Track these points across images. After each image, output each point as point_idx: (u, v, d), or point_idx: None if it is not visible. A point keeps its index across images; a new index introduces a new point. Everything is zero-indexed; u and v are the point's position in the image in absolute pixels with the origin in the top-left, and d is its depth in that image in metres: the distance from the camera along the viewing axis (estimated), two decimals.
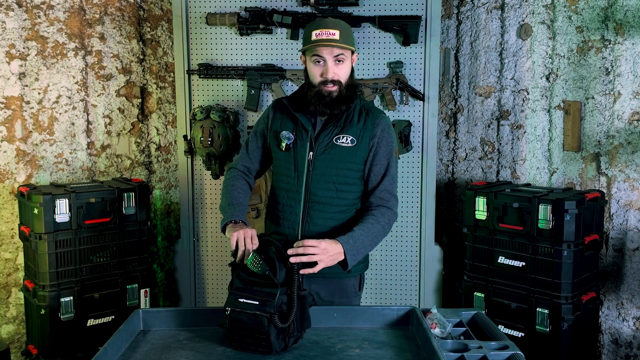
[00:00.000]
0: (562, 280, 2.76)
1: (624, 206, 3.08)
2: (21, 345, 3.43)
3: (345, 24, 2.10)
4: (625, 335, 3.12)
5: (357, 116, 2.11)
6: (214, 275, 3.34)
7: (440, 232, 3.66)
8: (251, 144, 2.26)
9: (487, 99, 3.53)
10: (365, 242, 2.01)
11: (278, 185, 2.19)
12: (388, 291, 3.27)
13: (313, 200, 2.09)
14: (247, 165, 2.26)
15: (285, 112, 2.18)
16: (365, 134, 2.10)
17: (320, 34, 2.02)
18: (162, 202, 3.78)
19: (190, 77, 3.23)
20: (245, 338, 1.73)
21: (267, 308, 1.71)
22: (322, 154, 2.08)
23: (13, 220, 3.37)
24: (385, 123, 2.13)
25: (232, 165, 2.28)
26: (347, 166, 2.09)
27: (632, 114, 3.03)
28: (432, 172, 3.18)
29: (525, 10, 3.34)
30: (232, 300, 1.76)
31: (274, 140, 2.17)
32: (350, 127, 2.09)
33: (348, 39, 2.05)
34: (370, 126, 2.10)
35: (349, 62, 2.08)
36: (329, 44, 2.01)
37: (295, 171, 2.11)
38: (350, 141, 2.08)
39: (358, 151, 2.09)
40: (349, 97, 2.08)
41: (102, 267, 3.04)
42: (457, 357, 1.68)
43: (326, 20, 2.08)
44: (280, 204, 2.16)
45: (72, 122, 3.51)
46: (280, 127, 2.16)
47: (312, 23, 2.10)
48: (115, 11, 3.56)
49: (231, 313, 1.74)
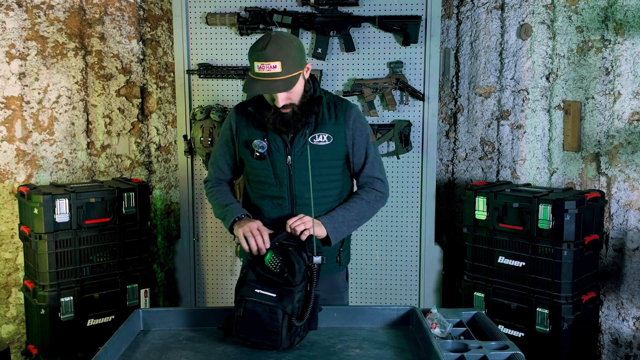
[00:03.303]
0: (562, 280, 2.76)
1: (624, 206, 3.09)
2: (21, 345, 3.43)
3: (287, 47, 1.92)
4: (625, 335, 3.12)
5: (327, 112, 2.10)
6: (214, 275, 3.34)
7: (440, 232, 3.66)
8: (220, 158, 2.21)
9: (487, 99, 3.53)
10: (347, 217, 2.08)
11: (259, 194, 2.15)
12: (388, 291, 3.27)
13: (300, 203, 2.09)
14: (221, 178, 2.24)
15: (251, 118, 2.11)
16: (340, 129, 2.10)
17: (261, 67, 1.90)
18: (162, 202, 3.78)
19: (190, 77, 3.23)
20: (254, 330, 1.72)
21: (284, 303, 1.73)
22: (300, 156, 2.07)
23: (13, 220, 3.37)
24: (356, 112, 2.14)
25: (206, 179, 2.28)
26: (327, 164, 2.10)
27: (632, 114, 3.03)
28: (432, 172, 3.18)
29: (525, 10, 3.34)
30: (248, 291, 1.76)
31: (246, 150, 2.12)
32: (322, 125, 2.09)
33: (293, 65, 1.92)
34: (343, 120, 2.11)
35: (300, 81, 2.00)
36: (271, 80, 1.90)
37: (275, 178, 2.09)
38: (326, 138, 2.08)
39: (336, 147, 2.10)
40: (307, 110, 2.04)
41: (102, 267, 3.04)
42: (457, 357, 1.68)
43: (266, 52, 1.89)
44: (266, 211, 2.13)
45: (72, 122, 3.51)
46: (249, 136, 2.10)
47: (255, 48, 1.93)
48: (115, 11, 3.56)
49: (247, 303, 1.74)
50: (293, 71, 1.93)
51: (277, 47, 1.90)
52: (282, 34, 1.98)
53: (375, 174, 2.17)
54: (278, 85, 1.92)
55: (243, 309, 1.73)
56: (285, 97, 1.98)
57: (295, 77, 1.95)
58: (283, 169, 2.08)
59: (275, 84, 1.92)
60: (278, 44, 1.91)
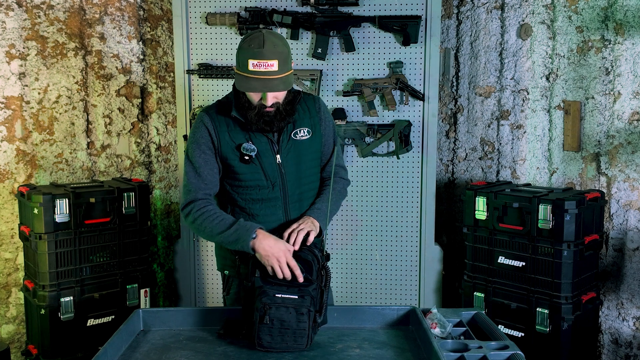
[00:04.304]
0: (562, 280, 2.76)
1: (624, 206, 3.08)
2: (21, 345, 3.43)
3: (282, 46, 1.93)
4: (625, 335, 3.12)
5: (300, 107, 2.11)
6: (214, 275, 3.34)
7: (440, 232, 3.66)
8: (203, 168, 2.04)
9: (487, 99, 3.53)
10: (329, 208, 2.10)
11: (248, 198, 2.07)
12: (388, 291, 3.27)
13: (292, 200, 2.09)
14: (207, 192, 2.06)
15: (231, 122, 2.04)
16: (315, 121, 2.13)
17: (258, 65, 1.88)
18: (162, 202, 3.78)
19: (190, 77, 3.23)
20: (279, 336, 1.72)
21: (306, 302, 1.75)
22: (287, 154, 2.07)
23: (13, 220, 3.37)
24: (323, 103, 2.20)
25: (190, 200, 2.04)
26: (310, 157, 2.13)
27: (632, 114, 3.03)
28: (432, 172, 3.18)
29: (525, 10, 3.34)
30: (269, 298, 1.75)
31: (232, 155, 2.03)
32: (300, 120, 2.10)
33: (287, 64, 1.93)
34: (315, 112, 2.14)
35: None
36: (269, 78, 1.89)
37: (267, 180, 2.05)
38: (307, 132, 2.10)
39: (315, 140, 2.13)
40: (291, 110, 2.03)
41: (102, 267, 3.04)
42: (457, 357, 1.68)
43: (264, 50, 1.88)
44: (259, 215, 2.07)
45: (72, 122, 3.51)
46: (232, 140, 2.03)
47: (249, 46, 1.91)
48: (115, 11, 3.56)
49: (270, 310, 1.73)
50: (287, 70, 1.94)
51: (273, 45, 1.90)
52: (272, 32, 1.98)
53: (340, 162, 2.27)
54: (277, 84, 1.92)
55: (268, 317, 1.72)
56: (274, 95, 1.97)
57: (290, 77, 1.96)
58: (274, 169, 2.06)
59: (274, 82, 1.91)
60: (274, 43, 1.91)
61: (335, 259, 3.24)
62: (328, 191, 2.13)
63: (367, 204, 3.23)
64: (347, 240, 3.26)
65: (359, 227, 3.25)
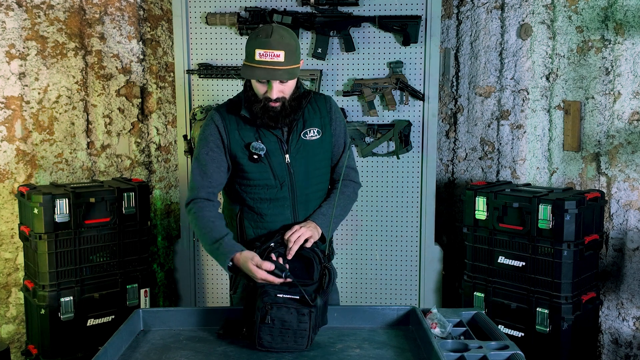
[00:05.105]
0: (562, 280, 2.76)
1: (624, 206, 3.08)
2: (21, 345, 3.43)
3: (289, 38, 1.95)
4: (625, 335, 3.12)
5: (310, 107, 2.10)
6: (214, 275, 3.34)
7: (440, 232, 3.66)
8: (209, 165, 2.03)
9: (487, 99, 3.53)
10: (336, 213, 2.09)
11: (256, 197, 2.06)
12: (388, 291, 3.27)
13: (300, 200, 2.08)
14: (210, 190, 2.06)
15: (241, 121, 2.04)
16: (325, 121, 2.11)
17: (264, 55, 1.89)
18: (162, 202, 3.78)
19: (190, 77, 3.23)
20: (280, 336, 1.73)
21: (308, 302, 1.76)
22: (297, 153, 2.06)
23: (13, 220, 3.37)
24: (334, 103, 2.18)
25: (192, 197, 2.06)
26: (319, 157, 2.11)
27: (632, 114, 3.03)
28: (432, 172, 3.18)
29: (525, 10, 3.34)
30: (271, 298, 1.76)
31: (241, 154, 2.03)
32: (310, 120, 2.09)
33: (294, 56, 1.94)
34: (325, 112, 2.13)
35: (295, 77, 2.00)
36: (274, 68, 1.90)
37: (275, 179, 2.04)
38: (316, 132, 2.09)
39: (325, 140, 2.11)
40: (297, 106, 2.03)
41: (102, 267, 3.04)
42: (457, 357, 1.68)
43: (270, 40, 1.90)
44: (267, 214, 2.06)
45: (72, 122, 3.51)
46: (242, 139, 2.03)
47: (257, 36, 1.93)
48: (115, 11, 3.56)
49: (272, 310, 1.73)
50: (293, 63, 1.95)
51: (280, 37, 1.92)
52: (282, 26, 1.99)
53: (351, 164, 2.24)
54: (282, 73, 1.92)
55: (270, 317, 1.72)
56: (280, 89, 1.97)
57: (296, 69, 1.97)
58: (283, 169, 2.05)
59: (278, 72, 1.92)
60: (281, 35, 1.93)
61: (336, 258, 3.23)
62: (335, 195, 2.11)
63: (367, 204, 3.23)
64: (347, 240, 3.26)
65: (359, 227, 3.25)
